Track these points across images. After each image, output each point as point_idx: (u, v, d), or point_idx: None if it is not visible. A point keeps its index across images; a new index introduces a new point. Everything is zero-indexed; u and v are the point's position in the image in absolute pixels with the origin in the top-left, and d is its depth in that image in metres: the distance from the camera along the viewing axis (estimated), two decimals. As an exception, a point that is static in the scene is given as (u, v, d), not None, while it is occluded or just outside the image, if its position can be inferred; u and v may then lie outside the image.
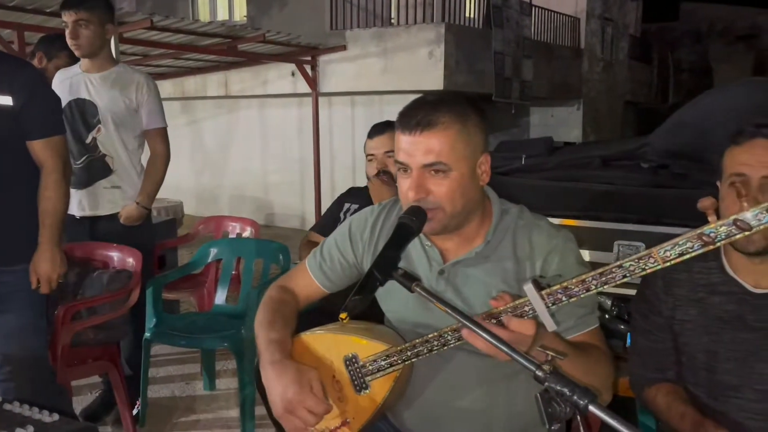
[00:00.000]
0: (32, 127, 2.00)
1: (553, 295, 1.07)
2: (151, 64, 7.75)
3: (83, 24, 2.65)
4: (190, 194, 9.49)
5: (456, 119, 1.24)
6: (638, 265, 1.01)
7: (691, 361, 1.47)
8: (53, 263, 2.03)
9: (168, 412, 3.05)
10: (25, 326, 2.02)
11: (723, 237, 0.95)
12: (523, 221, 1.36)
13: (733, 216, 0.94)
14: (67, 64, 3.05)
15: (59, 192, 2.06)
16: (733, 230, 0.94)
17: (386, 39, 7.55)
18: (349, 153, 8.34)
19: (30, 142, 2.01)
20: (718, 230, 0.95)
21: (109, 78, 2.78)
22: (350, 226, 1.50)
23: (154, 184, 2.88)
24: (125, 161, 2.83)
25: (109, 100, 2.76)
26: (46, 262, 2.02)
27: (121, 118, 2.78)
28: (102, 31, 2.71)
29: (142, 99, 2.81)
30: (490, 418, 1.37)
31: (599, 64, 11.65)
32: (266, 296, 1.51)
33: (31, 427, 1.09)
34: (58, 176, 2.05)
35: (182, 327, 2.89)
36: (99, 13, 2.68)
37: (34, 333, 2.04)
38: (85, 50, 2.70)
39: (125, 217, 2.78)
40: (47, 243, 2.03)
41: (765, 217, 0.92)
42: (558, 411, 0.92)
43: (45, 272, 2.02)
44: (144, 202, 2.82)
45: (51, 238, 2.04)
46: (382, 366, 1.29)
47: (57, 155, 2.05)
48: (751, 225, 0.93)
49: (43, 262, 2.02)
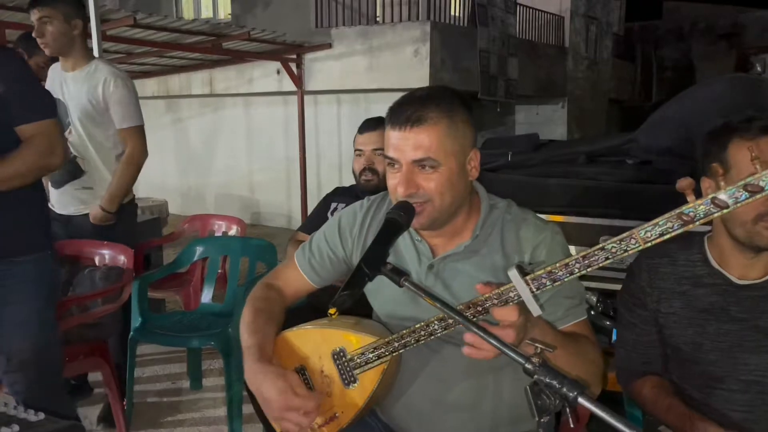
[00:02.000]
0: (15, 113, 1.88)
1: (538, 279, 1.07)
2: (135, 63, 7.68)
3: (47, 21, 2.56)
4: (175, 193, 9.43)
5: (444, 115, 1.25)
6: (620, 247, 1.02)
7: (676, 354, 1.49)
8: None
9: (154, 412, 3.03)
10: (32, 318, 1.94)
11: (702, 215, 0.96)
12: (510, 215, 1.37)
13: (711, 194, 0.95)
14: (46, 60, 3.01)
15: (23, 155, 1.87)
16: (711, 209, 0.95)
17: (372, 37, 7.54)
18: (335, 151, 8.33)
19: (18, 129, 1.89)
20: (697, 209, 0.96)
21: (79, 77, 2.71)
22: (339, 221, 1.50)
23: (119, 187, 2.74)
24: (97, 162, 2.77)
25: (77, 100, 2.70)
26: None
27: (89, 117, 2.71)
28: (68, 28, 2.60)
29: (109, 97, 2.69)
30: (477, 411, 1.37)
31: (584, 63, 11.73)
32: (251, 295, 1.51)
33: (16, 426, 1.07)
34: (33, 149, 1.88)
35: (168, 326, 2.87)
36: (63, 9, 2.58)
37: (41, 325, 1.96)
38: (52, 48, 2.62)
39: (92, 218, 2.74)
40: None
41: (742, 195, 0.93)
42: (547, 403, 0.93)
43: None
44: (106, 205, 2.72)
45: None
46: (370, 359, 1.29)
47: (42, 135, 1.88)
48: (728, 203, 0.95)
49: None
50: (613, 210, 2.34)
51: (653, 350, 1.53)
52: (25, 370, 1.92)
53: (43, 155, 1.89)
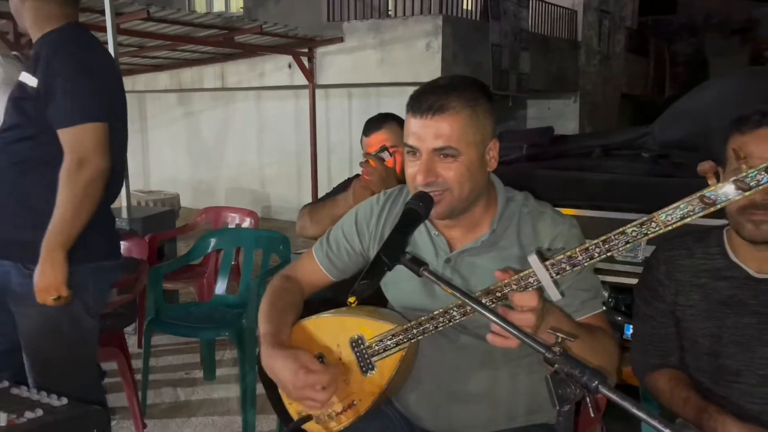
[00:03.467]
0: (52, 116, 1.76)
1: (557, 264, 1.07)
2: (148, 56, 7.71)
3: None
4: (187, 187, 9.46)
5: (466, 104, 1.25)
6: (640, 231, 1.02)
7: (693, 347, 1.49)
8: (47, 278, 1.73)
9: (168, 402, 3.05)
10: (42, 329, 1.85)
11: (723, 199, 0.96)
12: (527, 208, 1.37)
13: (733, 177, 0.94)
14: None
15: (63, 192, 1.73)
16: (733, 189, 0.95)
17: (383, 31, 7.52)
18: (345, 145, 8.33)
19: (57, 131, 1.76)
20: (718, 192, 0.96)
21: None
22: (356, 215, 1.51)
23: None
24: None
25: None
26: (39, 276, 1.73)
27: None
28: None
29: None
30: (493, 401, 1.38)
31: (596, 57, 11.65)
32: (270, 286, 1.52)
33: (40, 411, 1.09)
34: (65, 174, 1.74)
35: (182, 317, 2.89)
36: None
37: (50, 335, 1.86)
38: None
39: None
40: (42, 253, 1.73)
41: (764, 178, 0.93)
42: (568, 392, 0.93)
43: (37, 286, 1.74)
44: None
45: (45, 247, 1.73)
46: (389, 346, 1.30)
47: (69, 148, 1.74)
48: (750, 185, 0.94)
49: (37, 276, 1.74)
50: (629, 204, 2.33)
51: (670, 343, 1.53)
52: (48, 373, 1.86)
53: (73, 176, 1.72)
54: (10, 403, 1.13)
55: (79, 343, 1.91)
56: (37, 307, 1.79)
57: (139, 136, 9.89)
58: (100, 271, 1.91)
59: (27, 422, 1.06)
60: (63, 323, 1.85)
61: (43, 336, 1.86)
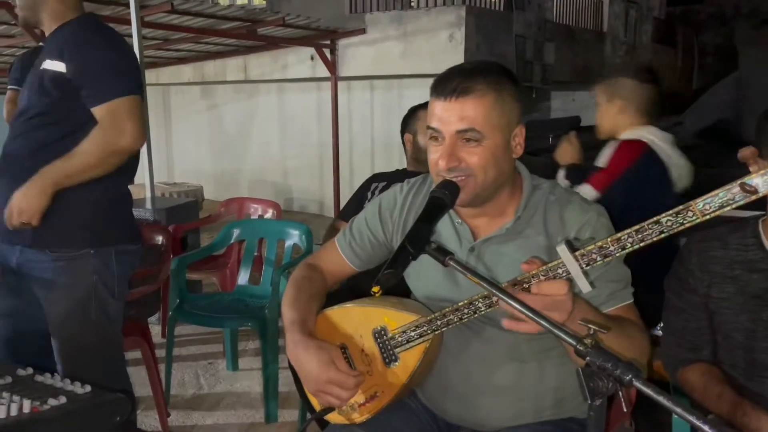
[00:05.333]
0: (85, 95, 1.79)
1: (587, 255, 1.03)
2: (171, 49, 7.76)
3: None
4: (210, 178, 9.52)
5: (492, 88, 1.22)
6: (676, 220, 0.97)
7: (727, 341, 1.44)
8: (29, 201, 1.76)
9: (192, 391, 3.07)
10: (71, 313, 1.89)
11: (764, 188, 0.91)
12: (554, 196, 1.34)
13: None
14: None
15: (90, 143, 1.78)
16: None
17: (406, 22, 7.46)
18: (367, 137, 8.31)
19: (93, 111, 1.80)
20: (761, 179, 0.91)
21: None
22: (380, 204, 1.49)
23: None
24: None
25: None
26: (22, 194, 1.77)
27: None
28: None
29: None
30: (519, 394, 1.35)
31: (622, 48, 11.45)
32: (293, 275, 1.51)
33: (63, 398, 1.09)
34: (99, 131, 1.78)
35: (205, 306, 2.91)
36: None
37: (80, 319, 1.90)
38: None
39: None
40: (37, 176, 1.77)
41: None
42: (600, 386, 0.90)
43: (15, 202, 1.77)
44: None
45: (44, 173, 1.77)
46: (412, 337, 1.28)
47: (110, 115, 1.78)
48: None
49: (20, 192, 1.77)
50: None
51: (702, 337, 1.48)
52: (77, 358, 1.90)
53: (108, 138, 1.78)
54: (34, 390, 1.13)
55: (106, 325, 1.96)
56: (65, 290, 1.86)
57: (163, 129, 9.97)
58: (121, 254, 1.95)
59: (50, 409, 1.06)
60: (90, 306, 1.89)
61: (71, 319, 1.90)
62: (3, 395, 1.09)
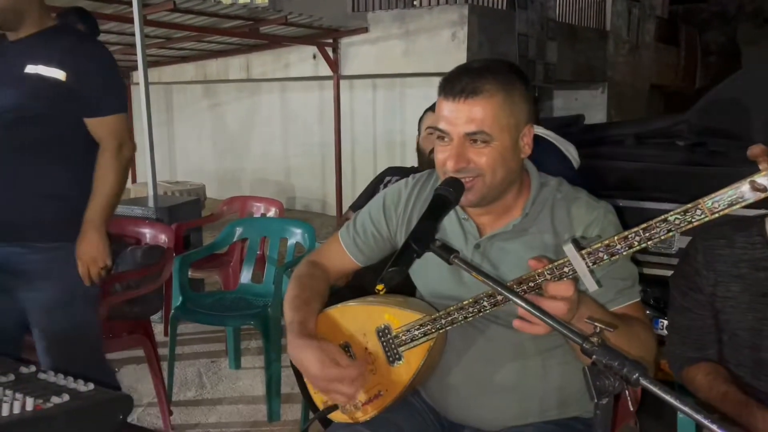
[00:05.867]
0: (86, 105, 1.91)
1: (594, 254, 1.03)
2: (174, 47, 7.76)
3: None
4: (212, 177, 9.53)
5: (501, 87, 1.20)
6: (684, 218, 0.96)
7: (733, 340, 1.43)
8: (89, 249, 1.91)
9: (194, 390, 3.07)
10: (56, 303, 1.95)
11: None
12: (561, 194, 1.33)
13: None
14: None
15: (108, 173, 1.94)
16: None
17: (408, 21, 7.45)
18: (370, 136, 8.30)
19: (86, 120, 1.93)
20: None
21: None
22: (384, 199, 1.48)
23: None
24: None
25: None
26: (83, 247, 1.91)
27: None
28: None
29: None
30: (524, 393, 1.34)
31: (625, 47, 11.43)
32: (295, 272, 1.50)
33: (66, 396, 1.08)
34: (109, 156, 1.95)
35: (208, 305, 2.91)
36: None
37: (65, 309, 1.96)
38: None
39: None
40: (87, 226, 1.92)
41: None
42: (606, 384, 0.89)
43: (82, 257, 1.91)
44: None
45: (91, 221, 1.92)
46: (416, 336, 1.27)
47: (111, 134, 1.94)
48: None
49: (80, 246, 1.91)
50: (665, 194, 2.26)
51: (708, 336, 1.47)
52: (53, 353, 1.95)
53: (117, 156, 1.96)
54: (37, 388, 1.12)
55: (89, 317, 2.04)
56: (51, 280, 1.93)
57: (166, 128, 9.98)
58: None
59: (53, 407, 1.06)
60: (74, 298, 1.97)
61: (56, 312, 1.96)
62: (6, 393, 1.08)
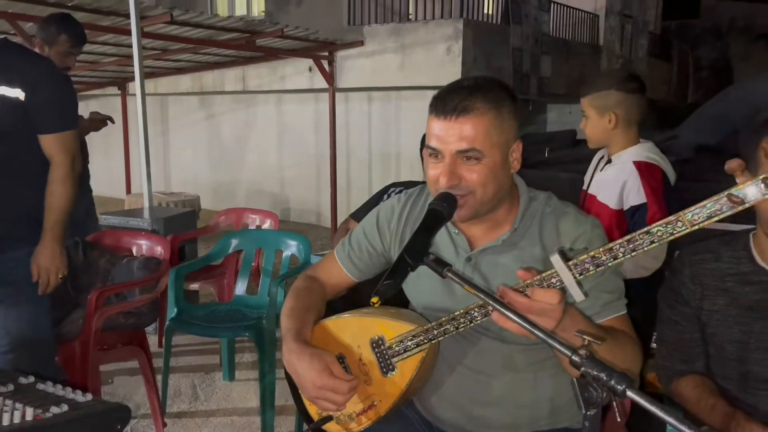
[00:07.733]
0: (40, 122, 2.01)
1: (580, 265, 1.06)
2: (170, 59, 7.79)
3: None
4: (207, 188, 9.53)
5: (491, 105, 1.23)
6: (666, 230, 0.99)
7: (719, 352, 1.46)
8: (52, 258, 2.04)
9: (188, 401, 3.07)
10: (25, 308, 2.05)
11: (752, 198, 0.93)
12: (550, 208, 1.36)
13: (763, 175, 0.92)
14: (68, 48, 3.01)
15: (63, 188, 2.06)
16: (762, 188, 0.92)
17: (404, 34, 7.52)
18: (365, 148, 8.34)
19: (40, 137, 2.04)
20: (747, 190, 0.93)
21: None
22: (378, 216, 1.51)
23: None
24: None
25: None
26: (45, 257, 2.03)
27: None
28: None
29: None
30: (515, 404, 1.37)
31: (618, 62, 11.53)
32: (293, 286, 1.53)
33: (65, 406, 1.10)
34: (64, 171, 2.06)
35: (203, 317, 2.91)
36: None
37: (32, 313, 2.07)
38: None
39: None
40: (48, 238, 2.04)
41: None
42: (594, 396, 0.92)
43: (43, 265, 2.03)
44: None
45: (52, 232, 2.04)
46: (409, 346, 1.30)
47: (64, 151, 2.05)
48: None
49: (41, 256, 2.03)
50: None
51: (695, 349, 1.50)
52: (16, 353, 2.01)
53: (68, 170, 2.06)
54: (36, 398, 1.14)
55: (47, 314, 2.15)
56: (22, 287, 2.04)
57: (161, 138, 9.99)
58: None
59: (52, 417, 1.07)
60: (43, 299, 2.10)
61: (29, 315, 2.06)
62: (6, 403, 1.10)
